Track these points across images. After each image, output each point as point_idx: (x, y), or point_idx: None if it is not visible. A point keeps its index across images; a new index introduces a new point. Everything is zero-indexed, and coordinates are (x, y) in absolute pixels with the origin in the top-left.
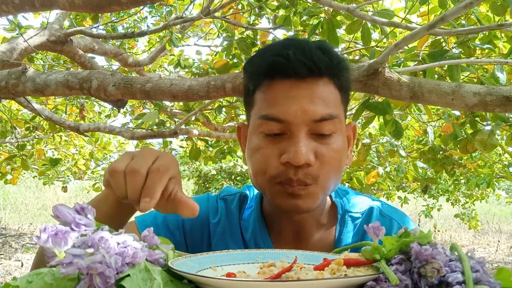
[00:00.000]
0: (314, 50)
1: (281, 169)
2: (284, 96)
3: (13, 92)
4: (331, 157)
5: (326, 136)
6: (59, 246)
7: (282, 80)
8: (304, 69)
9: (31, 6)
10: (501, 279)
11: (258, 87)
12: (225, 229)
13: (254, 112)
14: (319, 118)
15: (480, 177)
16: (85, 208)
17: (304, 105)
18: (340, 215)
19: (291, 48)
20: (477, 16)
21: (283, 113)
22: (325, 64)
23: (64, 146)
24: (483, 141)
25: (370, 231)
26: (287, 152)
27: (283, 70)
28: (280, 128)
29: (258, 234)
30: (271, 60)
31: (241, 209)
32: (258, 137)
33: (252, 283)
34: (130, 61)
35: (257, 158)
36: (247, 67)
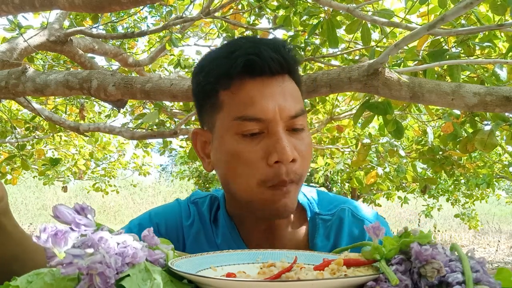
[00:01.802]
0: (279, 46)
1: (270, 172)
2: (259, 95)
3: (13, 92)
4: (307, 152)
5: (299, 131)
6: (59, 246)
7: (253, 78)
8: (276, 65)
9: (31, 6)
10: (501, 279)
11: (225, 88)
12: (199, 231)
13: (223, 115)
14: (294, 114)
15: (480, 177)
16: (85, 208)
17: (280, 102)
18: (309, 218)
19: (261, 46)
20: (477, 16)
21: (262, 112)
22: (291, 59)
23: (64, 146)
24: (483, 141)
25: (370, 231)
26: (273, 152)
27: (258, 68)
28: (259, 127)
29: (229, 238)
30: (244, 59)
31: (211, 211)
32: (234, 139)
33: (252, 283)
34: (130, 61)
35: (238, 162)
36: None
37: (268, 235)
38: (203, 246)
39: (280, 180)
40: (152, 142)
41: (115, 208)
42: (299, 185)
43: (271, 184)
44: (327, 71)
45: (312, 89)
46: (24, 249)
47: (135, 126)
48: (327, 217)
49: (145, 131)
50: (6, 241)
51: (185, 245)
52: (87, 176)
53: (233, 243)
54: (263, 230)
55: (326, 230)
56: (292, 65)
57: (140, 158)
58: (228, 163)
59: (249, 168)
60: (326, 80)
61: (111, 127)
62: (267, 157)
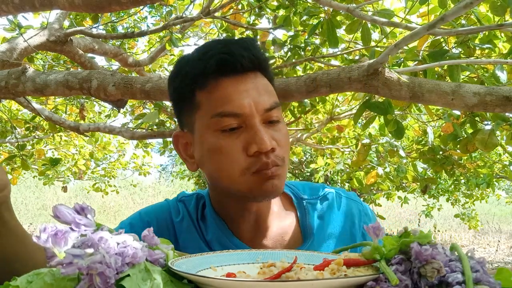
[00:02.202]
0: (251, 45)
1: (251, 160)
2: (234, 91)
3: (13, 92)
4: (285, 141)
5: (275, 123)
6: (59, 246)
7: (228, 77)
8: (247, 62)
9: (31, 6)
10: (501, 279)
11: (201, 88)
12: (190, 227)
13: (201, 114)
14: (269, 107)
15: (480, 177)
16: (85, 208)
17: (254, 97)
18: (296, 203)
19: (232, 45)
20: (477, 16)
21: (238, 107)
22: (261, 56)
23: (64, 146)
24: (484, 141)
25: (370, 231)
26: (252, 143)
27: (231, 66)
28: (237, 122)
29: (219, 233)
30: (217, 58)
31: (198, 209)
32: (215, 136)
33: (252, 283)
34: (130, 61)
35: (220, 156)
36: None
37: (257, 225)
38: (195, 241)
39: (262, 163)
40: (152, 142)
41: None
42: (284, 167)
43: (254, 170)
44: (327, 71)
45: (312, 89)
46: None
47: (135, 126)
48: (314, 201)
49: (145, 131)
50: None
51: (177, 241)
52: (87, 176)
53: (224, 238)
54: (252, 222)
55: (317, 212)
56: (262, 63)
57: (140, 158)
58: (211, 159)
59: (230, 160)
60: (326, 80)
61: (111, 127)
62: (247, 149)
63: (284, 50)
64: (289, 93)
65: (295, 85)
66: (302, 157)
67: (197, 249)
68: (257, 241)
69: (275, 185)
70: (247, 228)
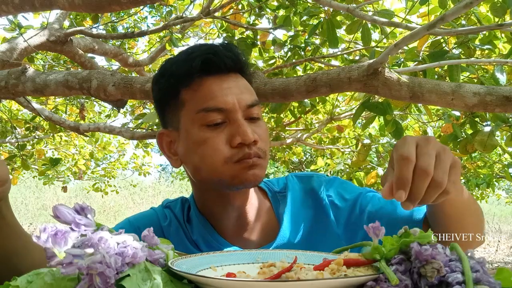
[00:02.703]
0: (232, 48)
1: (235, 151)
2: (218, 89)
3: (13, 92)
4: (265, 136)
5: (256, 119)
6: (59, 246)
7: (212, 76)
8: (230, 63)
9: (31, 6)
10: (501, 279)
11: (186, 87)
12: (178, 230)
13: (186, 111)
14: (250, 103)
15: (480, 177)
16: (85, 208)
17: (237, 94)
18: (270, 196)
19: (216, 47)
20: (477, 16)
21: (222, 103)
22: (242, 59)
23: (64, 146)
24: (483, 142)
25: (370, 231)
26: (235, 135)
27: (215, 65)
28: (221, 117)
29: (204, 232)
30: (202, 58)
31: (183, 212)
32: (200, 130)
33: (252, 283)
34: (130, 61)
35: (205, 147)
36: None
37: (239, 220)
38: (183, 242)
39: (245, 153)
40: (152, 142)
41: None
42: (265, 160)
43: (237, 159)
44: (327, 71)
45: (312, 89)
46: (23, 243)
47: (135, 126)
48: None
49: (145, 131)
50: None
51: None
52: (87, 176)
53: (208, 236)
54: (235, 217)
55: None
56: (243, 65)
57: (140, 158)
58: (196, 152)
59: (215, 150)
60: (326, 80)
61: (111, 127)
62: (230, 141)
63: (284, 50)
64: (289, 93)
65: (295, 85)
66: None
67: (185, 249)
68: (240, 235)
69: (256, 174)
70: (230, 224)
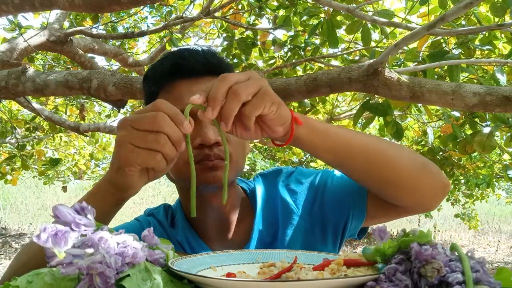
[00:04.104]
0: (206, 52)
1: (195, 152)
2: (186, 91)
3: (13, 92)
4: (235, 139)
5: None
6: (59, 246)
7: (183, 79)
8: (200, 66)
9: (31, 6)
10: (501, 279)
11: (161, 89)
12: (162, 235)
13: None
14: None
15: (480, 177)
16: (85, 208)
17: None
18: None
19: (186, 52)
20: (477, 16)
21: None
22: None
23: (64, 146)
24: (482, 142)
25: (376, 233)
26: (196, 137)
27: (183, 69)
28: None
29: (188, 233)
30: (171, 62)
31: (167, 217)
32: None
33: (252, 283)
34: (130, 61)
35: None
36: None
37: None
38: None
39: (204, 154)
40: None
41: None
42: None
43: (197, 160)
44: (327, 71)
45: (312, 89)
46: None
47: None
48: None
49: None
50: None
51: None
52: (87, 176)
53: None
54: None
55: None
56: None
57: None
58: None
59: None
60: (326, 80)
61: (111, 127)
62: (192, 142)
63: (284, 50)
64: (289, 93)
65: (295, 85)
66: (302, 157)
67: None
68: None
69: (216, 176)
70: (211, 225)
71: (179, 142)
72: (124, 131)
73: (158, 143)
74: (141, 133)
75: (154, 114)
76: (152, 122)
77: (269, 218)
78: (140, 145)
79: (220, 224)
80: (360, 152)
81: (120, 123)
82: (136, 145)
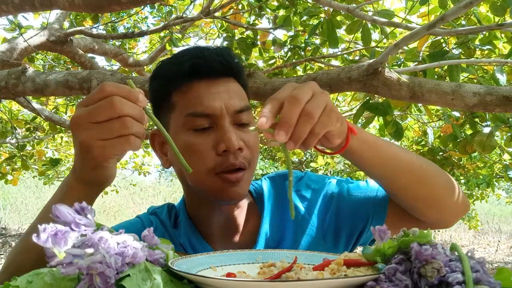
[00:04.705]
0: (224, 52)
1: (219, 159)
2: (206, 93)
3: (13, 92)
4: (254, 142)
5: (245, 125)
6: (59, 246)
7: (201, 79)
8: (220, 67)
9: (31, 6)
10: (501, 279)
11: (176, 89)
12: (164, 235)
13: (176, 113)
14: (239, 109)
15: (480, 177)
16: (85, 208)
17: (225, 99)
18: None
19: (206, 51)
20: (477, 16)
21: (209, 108)
22: (234, 63)
23: (64, 147)
24: (482, 142)
25: (376, 233)
26: (220, 142)
27: (202, 69)
28: (208, 122)
29: (190, 236)
30: (190, 62)
31: (170, 218)
32: (187, 134)
33: (252, 283)
34: (130, 61)
35: (190, 153)
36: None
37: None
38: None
39: (229, 163)
40: None
41: (115, 208)
42: (249, 171)
43: (220, 170)
44: (327, 71)
45: None
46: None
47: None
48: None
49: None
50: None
51: None
52: None
53: (194, 240)
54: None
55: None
56: (236, 70)
57: (140, 158)
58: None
59: (199, 158)
60: (326, 80)
61: None
62: (216, 147)
63: (284, 50)
64: None
65: None
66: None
67: None
68: (227, 238)
69: (237, 192)
70: (216, 227)
71: (142, 118)
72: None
73: (126, 127)
74: (105, 124)
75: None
76: (111, 109)
77: (277, 222)
78: (110, 136)
79: (226, 226)
80: (405, 168)
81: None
82: (106, 138)
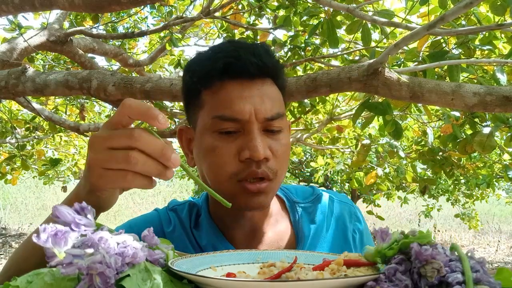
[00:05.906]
0: (261, 51)
1: (241, 166)
2: (237, 96)
3: (13, 92)
4: (283, 151)
5: (276, 132)
6: (59, 246)
7: (233, 80)
8: (254, 68)
9: (31, 6)
10: (501, 279)
11: (207, 88)
12: (181, 236)
13: (204, 113)
14: (270, 117)
15: (480, 178)
16: (85, 208)
17: (256, 105)
18: (289, 206)
19: (241, 50)
20: (477, 16)
21: (238, 113)
22: (271, 64)
23: (64, 146)
24: (482, 143)
25: (378, 235)
26: (245, 149)
27: (236, 70)
28: (235, 127)
29: (214, 239)
30: (224, 61)
31: (191, 217)
32: (212, 136)
33: (252, 283)
34: (130, 61)
35: (213, 157)
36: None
37: (252, 232)
38: (187, 249)
39: (250, 171)
40: None
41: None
42: (274, 182)
43: (241, 178)
44: (327, 71)
45: (312, 89)
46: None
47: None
48: (306, 204)
49: None
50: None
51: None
52: None
53: (218, 244)
54: (247, 228)
55: (310, 217)
56: (273, 70)
57: None
58: (205, 158)
59: (222, 162)
60: (326, 80)
61: None
62: (239, 153)
63: (284, 50)
64: (289, 93)
65: (295, 85)
66: (302, 157)
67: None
68: (252, 244)
69: (260, 202)
70: (241, 234)
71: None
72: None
73: (128, 162)
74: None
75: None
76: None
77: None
78: (111, 167)
79: (253, 232)
80: None
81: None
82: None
